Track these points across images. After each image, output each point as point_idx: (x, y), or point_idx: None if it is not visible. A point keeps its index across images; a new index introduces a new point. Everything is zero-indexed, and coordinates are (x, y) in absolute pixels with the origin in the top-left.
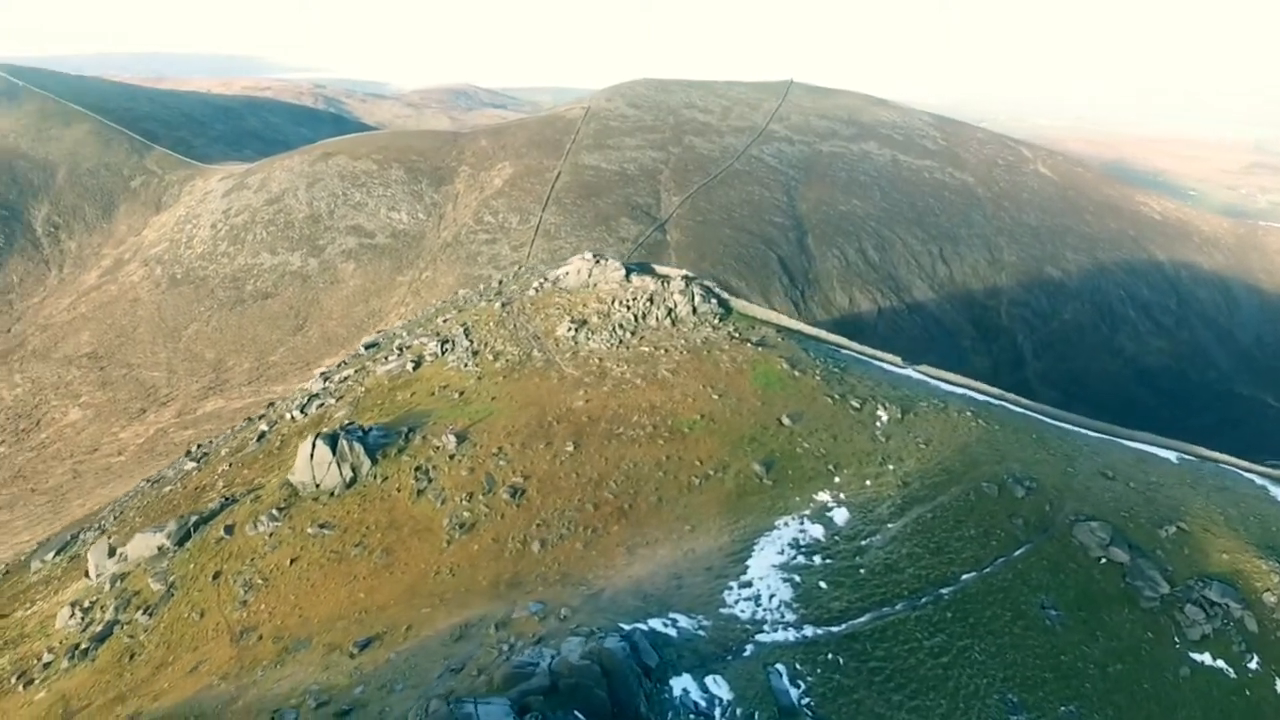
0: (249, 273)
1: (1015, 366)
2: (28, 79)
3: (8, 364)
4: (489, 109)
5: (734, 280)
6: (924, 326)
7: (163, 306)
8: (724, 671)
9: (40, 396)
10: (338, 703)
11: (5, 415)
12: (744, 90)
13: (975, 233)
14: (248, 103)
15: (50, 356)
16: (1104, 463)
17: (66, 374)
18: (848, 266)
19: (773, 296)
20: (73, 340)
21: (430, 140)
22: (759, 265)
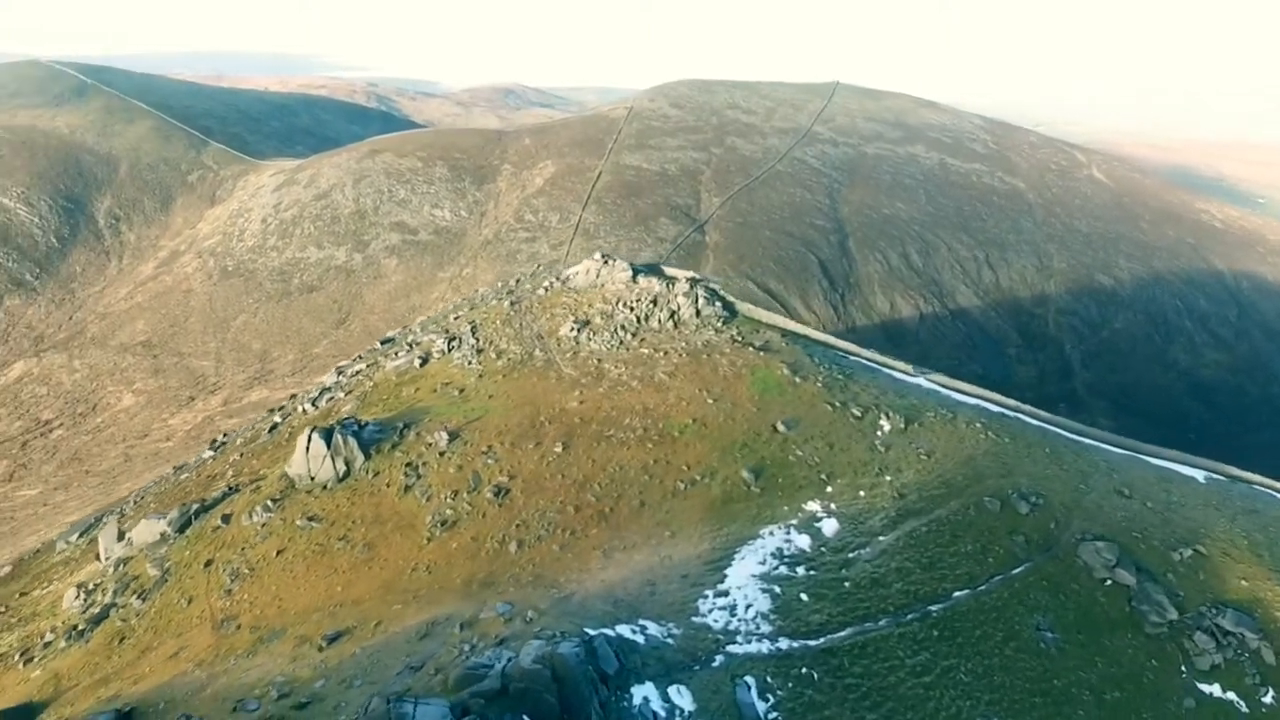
0: (296, 266)
1: (1062, 376)
2: (96, 77)
3: (68, 350)
4: (536, 108)
5: (772, 283)
6: (967, 333)
7: (213, 297)
8: (689, 681)
9: (97, 382)
10: (298, 695)
11: (65, 400)
12: (788, 91)
13: (1024, 239)
14: (301, 100)
15: (108, 344)
16: (1121, 480)
17: (122, 361)
18: (890, 271)
19: (812, 300)
20: (129, 328)
21: (474, 138)
22: (799, 268)
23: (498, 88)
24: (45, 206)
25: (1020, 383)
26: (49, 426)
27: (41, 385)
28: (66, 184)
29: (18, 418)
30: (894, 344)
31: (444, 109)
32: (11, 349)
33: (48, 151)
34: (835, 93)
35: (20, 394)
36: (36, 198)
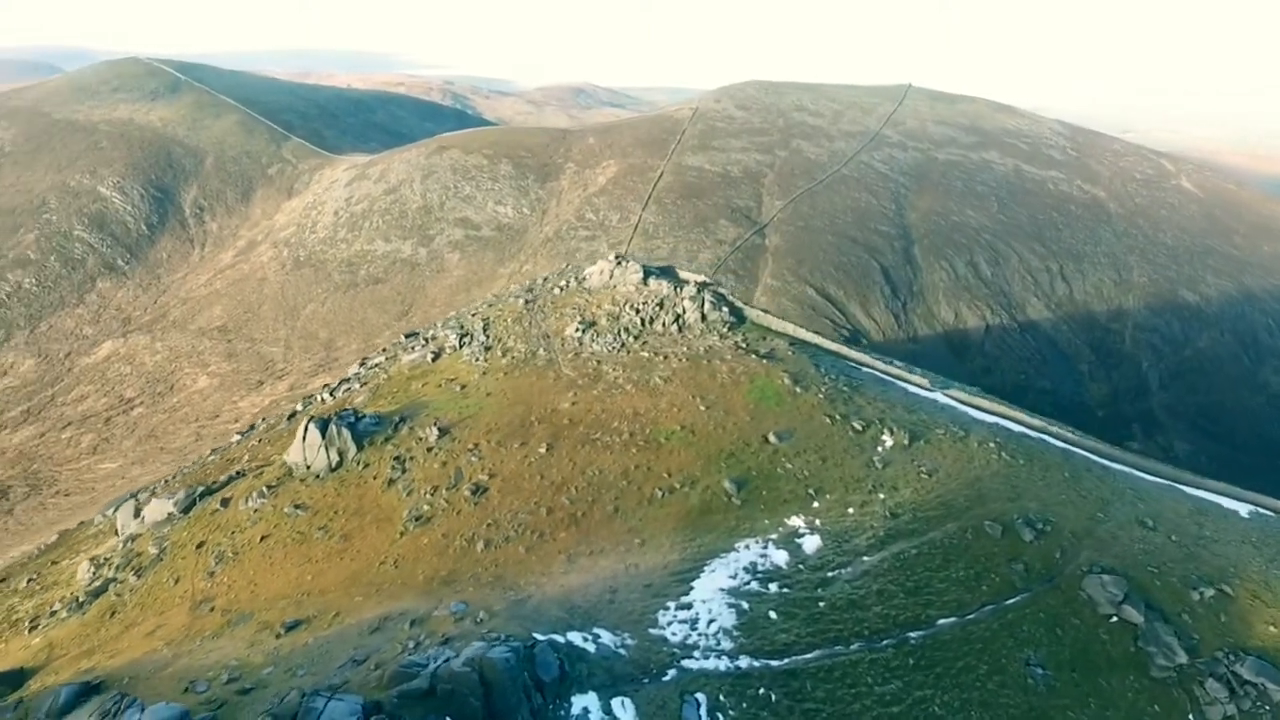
0: (363, 258)
1: (1138, 395)
2: (189, 73)
3: (151, 333)
4: (606, 108)
5: (832, 289)
6: (1036, 347)
7: (285, 286)
8: (635, 694)
9: (176, 364)
10: (245, 680)
11: (146, 379)
12: (858, 94)
13: (1102, 250)
14: (378, 97)
15: (187, 328)
16: (1148, 510)
17: (199, 344)
18: (956, 280)
19: (872, 307)
20: (207, 314)
21: (540, 137)
22: (860, 274)
23: (569, 87)
24: (138, 195)
25: (1092, 400)
26: (130, 404)
27: (126, 365)
28: (157, 174)
29: (104, 394)
30: (957, 355)
31: (516, 107)
32: (102, 329)
33: (142, 143)
34: (906, 96)
35: (107, 372)
36: (130, 187)
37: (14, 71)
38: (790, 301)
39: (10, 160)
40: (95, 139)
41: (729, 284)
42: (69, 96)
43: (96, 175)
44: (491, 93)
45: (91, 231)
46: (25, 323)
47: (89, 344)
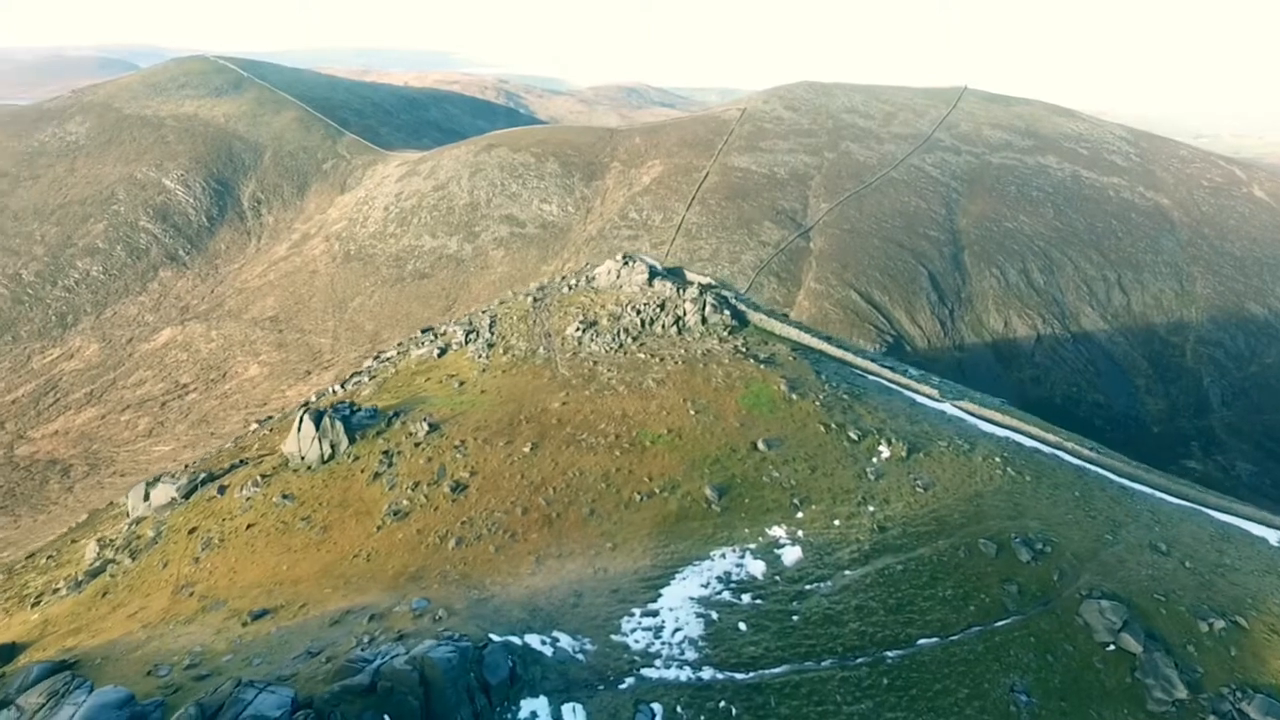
0: (410, 253)
1: (1197, 412)
2: (252, 71)
3: (207, 321)
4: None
5: (877, 293)
6: (1089, 358)
7: (335, 279)
8: (588, 701)
9: (229, 352)
10: (204, 667)
11: (201, 366)
12: (911, 96)
13: (1163, 260)
14: (432, 95)
15: (241, 317)
16: (1163, 534)
17: (252, 334)
18: (1007, 287)
19: (918, 313)
20: (260, 304)
21: (587, 136)
22: (906, 280)
23: (622, 86)
24: (199, 188)
25: (1147, 416)
26: (185, 390)
27: (183, 351)
28: (219, 168)
29: (161, 380)
30: (1005, 365)
31: (568, 106)
32: (162, 317)
33: (205, 138)
34: (961, 98)
35: (165, 358)
36: (193, 180)
37: (94, 68)
38: (833, 306)
39: (83, 153)
40: (162, 133)
41: (771, 286)
42: (140, 92)
43: (162, 168)
44: (544, 91)
45: (156, 222)
46: (92, 309)
47: (149, 331)
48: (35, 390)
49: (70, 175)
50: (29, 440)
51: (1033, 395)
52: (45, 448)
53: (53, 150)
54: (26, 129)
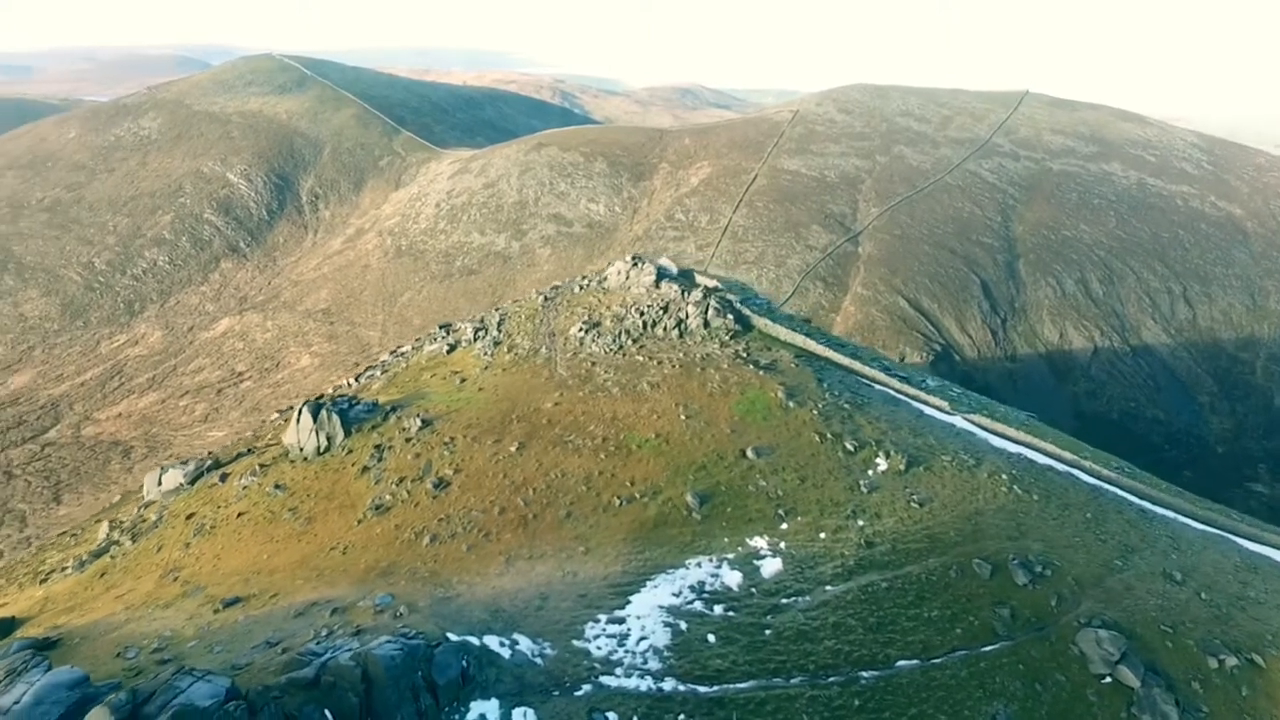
0: (459, 250)
1: (1268, 433)
2: (315, 69)
3: (264, 312)
4: (712, 109)
5: (926, 300)
6: (1149, 373)
7: (386, 274)
8: (540, 706)
9: (283, 342)
10: (169, 651)
11: (256, 355)
12: (970, 99)
13: (1234, 273)
14: (487, 94)
15: (296, 309)
16: (1181, 563)
17: (305, 325)
18: (1063, 298)
19: (968, 322)
20: (314, 296)
21: (636, 136)
22: (957, 287)
23: (677, 87)
24: (261, 182)
25: (1211, 435)
26: (241, 378)
27: (240, 341)
28: (280, 163)
29: (218, 367)
30: (1059, 377)
31: (623, 106)
32: (221, 307)
33: (268, 134)
34: (1022, 102)
35: (223, 347)
36: (255, 174)
37: (172, 66)
38: (879, 312)
39: (155, 147)
40: (228, 129)
41: (817, 291)
42: (209, 90)
43: (227, 163)
44: (600, 92)
45: (219, 215)
46: (157, 297)
47: (209, 320)
48: (102, 374)
49: (142, 168)
50: (95, 421)
51: (1087, 409)
52: (109, 429)
53: (127, 144)
54: (104, 124)
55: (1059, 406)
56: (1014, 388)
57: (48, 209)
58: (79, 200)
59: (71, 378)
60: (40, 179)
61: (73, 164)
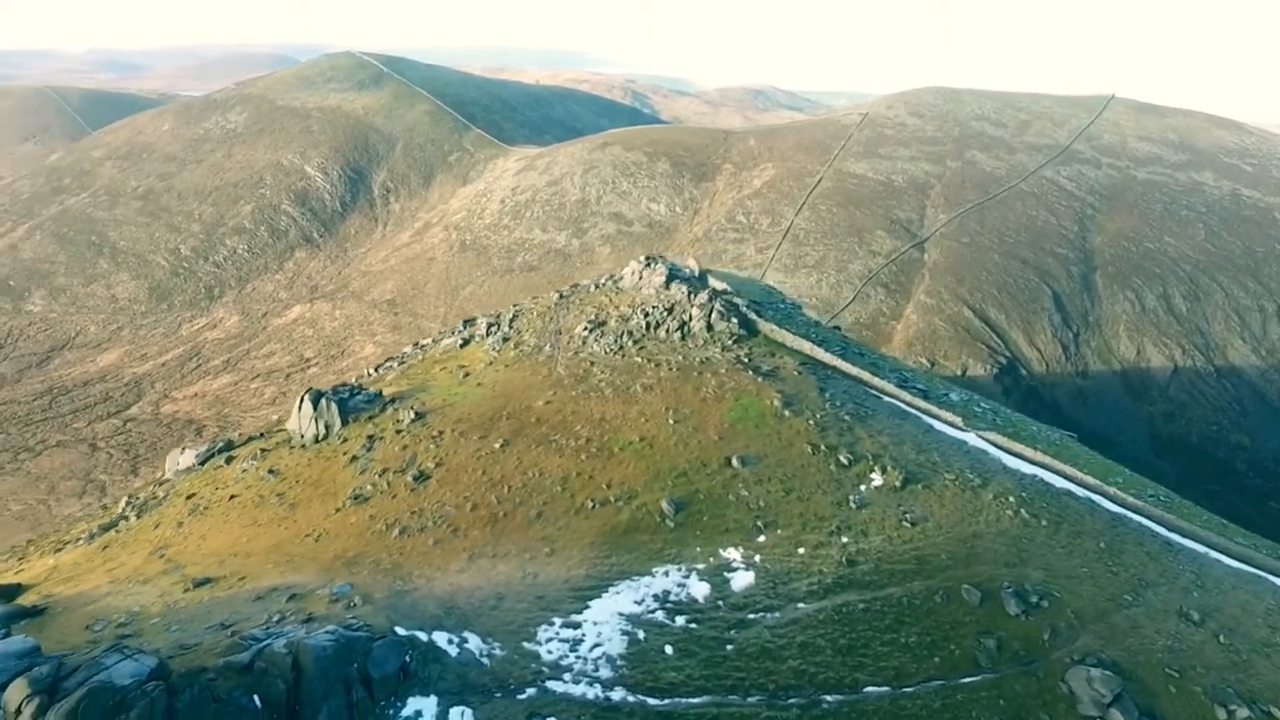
0: (521, 246)
1: None
2: (392, 67)
3: (333, 301)
4: (783, 110)
5: (993, 311)
6: (1234, 396)
7: (450, 267)
8: (479, 707)
9: (349, 331)
10: (132, 627)
11: (323, 342)
12: (1050, 104)
13: None
14: (557, 93)
15: (363, 299)
16: (1201, 602)
17: (370, 315)
18: (1142, 313)
19: (1037, 335)
20: (380, 287)
21: (700, 137)
22: (1027, 299)
23: (749, 88)
24: (336, 175)
25: None
26: (308, 363)
27: (309, 328)
28: (354, 157)
29: (288, 353)
30: (1134, 396)
31: (693, 107)
32: (294, 294)
33: (345, 129)
34: (1107, 107)
35: (293, 333)
36: (331, 167)
37: (265, 64)
38: (943, 321)
39: (240, 140)
40: (308, 124)
41: (878, 298)
42: (292, 85)
43: (305, 156)
44: (670, 92)
45: (296, 206)
46: (235, 283)
47: (282, 306)
48: (182, 355)
49: (227, 160)
50: (172, 400)
51: (1164, 431)
52: (185, 408)
53: (215, 137)
54: (196, 117)
55: (1133, 427)
56: (1084, 405)
57: (141, 197)
58: (169, 189)
59: (154, 358)
60: (136, 169)
61: (165, 155)
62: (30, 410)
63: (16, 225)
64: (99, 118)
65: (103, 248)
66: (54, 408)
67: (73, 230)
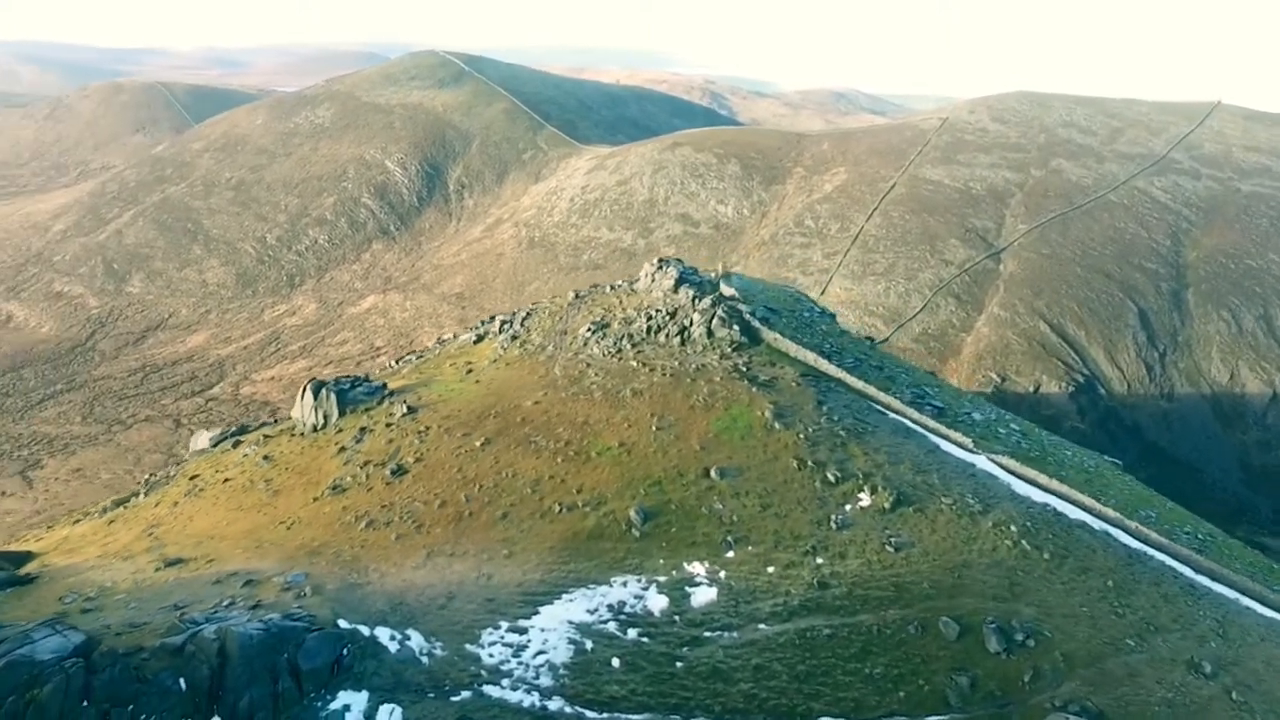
0: (588, 244)
1: None
2: (473, 65)
3: (405, 292)
4: (865, 113)
5: (1071, 327)
6: None
7: (518, 263)
8: (409, 705)
9: (418, 322)
10: (99, 600)
11: (393, 332)
12: (1146, 110)
13: None
14: (633, 93)
15: (433, 291)
16: (1217, 652)
17: (439, 307)
18: (1239, 334)
19: (1119, 354)
20: (450, 281)
21: (772, 139)
22: (1110, 315)
23: (831, 91)
24: (414, 170)
25: None
26: (378, 352)
27: (381, 318)
28: (432, 153)
29: (359, 341)
30: (1224, 423)
31: (772, 109)
32: (368, 285)
33: (425, 125)
34: (1211, 115)
35: (365, 323)
36: (409, 163)
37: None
38: (1016, 335)
39: (326, 135)
40: (390, 120)
41: (948, 308)
42: (377, 82)
43: (386, 151)
44: (750, 93)
45: (375, 199)
46: (315, 273)
47: (356, 296)
48: (263, 339)
49: (314, 154)
50: (251, 382)
51: (1258, 462)
52: (262, 390)
53: (304, 131)
54: (287, 112)
55: (1223, 456)
56: (1168, 429)
57: (234, 188)
58: (259, 181)
59: (237, 341)
60: (230, 160)
61: (258, 148)
62: (124, 385)
63: (123, 211)
64: (202, 111)
65: (197, 235)
66: (145, 384)
67: (171, 218)
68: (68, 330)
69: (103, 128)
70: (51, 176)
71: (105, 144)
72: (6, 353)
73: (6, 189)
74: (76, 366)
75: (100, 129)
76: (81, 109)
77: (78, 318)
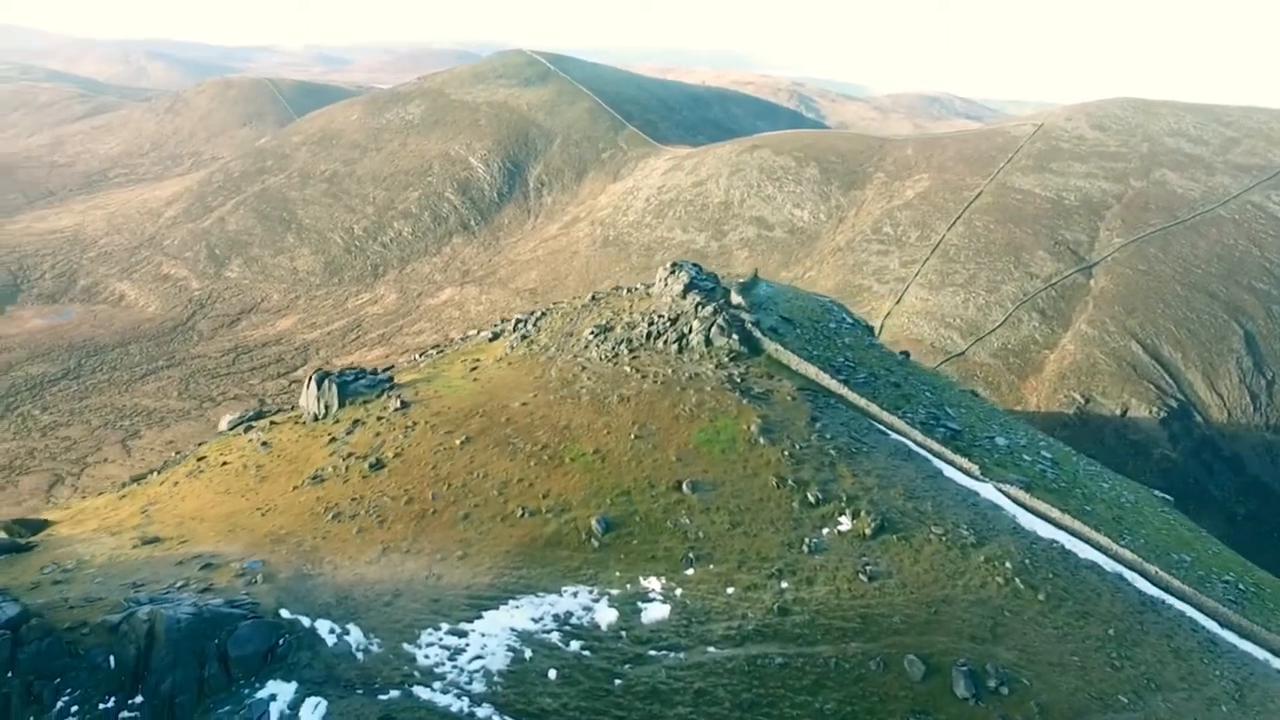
0: (660, 244)
1: None
2: (558, 65)
3: (481, 286)
4: (959, 119)
5: (1167, 348)
6: None
7: (591, 261)
8: (334, 700)
9: (492, 315)
10: (71, 574)
11: (468, 324)
12: (1266, 119)
13: None
14: (716, 94)
15: (508, 285)
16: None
17: (513, 302)
18: None
19: (1220, 379)
20: (524, 276)
21: (854, 143)
22: (1211, 337)
23: (923, 95)
24: (496, 167)
25: None
26: (452, 344)
27: (456, 310)
28: (514, 151)
29: (435, 332)
30: None
31: (860, 112)
32: (447, 277)
33: (509, 123)
34: None
35: (441, 314)
36: (492, 160)
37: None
38: (1104, 355)
39: (415, 131)
40: (476, 117)
41: (1031, 323)
42: (465, 80)
43: (470, 148)
44: (839, 96)
45: (458, 195)
46: (397, 264)
47: (435, 288)
48: (345, 326)
49: (402, 149)
50: (332, 367)
51: None
52: None
53: (394, 127)
54: (380, 108)
55: None
56: (1273, 463)
57: (327, 180)
58: (351, 174)
59: (322, 326)
60: (325, 153)
61: (351, 142)
62: (218, 365)
63: (226, 200)
64: (304, 106)
65: (291, 224)
66: (236, 364)
67: (269, 207)
68: (171, 310)
69: (214, 121)
70: (168, 166)
71: (216, 136)
72: (117, 330)
73: (129, 177)
74: (176, 345)
75: (212, 122)
76: (197, 103)
77: (181, 299)
